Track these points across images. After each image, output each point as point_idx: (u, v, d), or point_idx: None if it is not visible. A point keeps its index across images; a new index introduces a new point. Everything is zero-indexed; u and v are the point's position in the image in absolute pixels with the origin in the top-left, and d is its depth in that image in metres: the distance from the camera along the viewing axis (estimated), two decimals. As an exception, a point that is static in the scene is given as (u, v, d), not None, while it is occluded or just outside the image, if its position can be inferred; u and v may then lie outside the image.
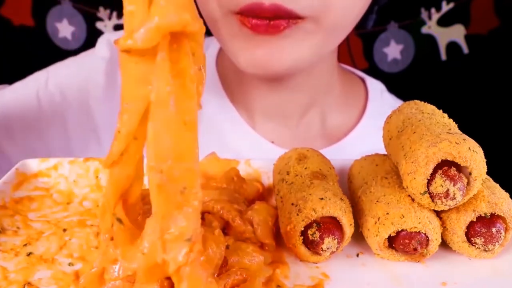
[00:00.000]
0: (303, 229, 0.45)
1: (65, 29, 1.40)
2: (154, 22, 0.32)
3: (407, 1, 1.34)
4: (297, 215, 0.45)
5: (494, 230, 0.45)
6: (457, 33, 1.34)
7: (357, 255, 0.48)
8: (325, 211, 0.44)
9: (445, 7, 1.31)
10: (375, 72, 1.35)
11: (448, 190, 0.44)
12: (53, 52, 1.40)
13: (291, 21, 0.62)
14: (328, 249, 0.45)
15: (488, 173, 0.46)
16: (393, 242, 0.45)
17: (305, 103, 0.81)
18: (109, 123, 0.82)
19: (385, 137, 0.52)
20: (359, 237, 0.48)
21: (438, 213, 0.47)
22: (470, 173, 0.44)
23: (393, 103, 0.89)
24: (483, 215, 0.45)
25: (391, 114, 0.53)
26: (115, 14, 1.37)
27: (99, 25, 1.39)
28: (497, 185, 0.48)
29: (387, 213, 0.45)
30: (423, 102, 0.53)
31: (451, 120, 0.50)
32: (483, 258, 0.47)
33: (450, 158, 0.44)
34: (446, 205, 0.45)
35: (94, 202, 0.56)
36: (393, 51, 1.37)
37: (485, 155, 0.44)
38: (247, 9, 0.62)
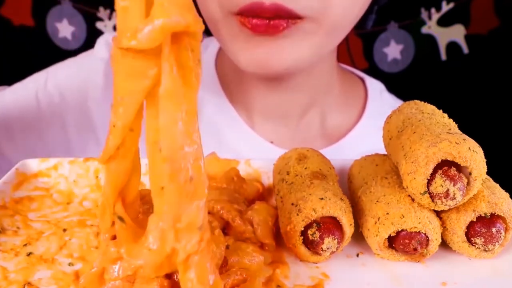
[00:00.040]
0: (303, 229, 0.45)
1: (65, 29, 1.40)
2: (158, 23, 0.32)
3: (407, 1, 1.34)
4: (297, 215, 0.45)
5: (494, 230, 0.45)
6: (457, 33, 1.34)
7: (357, 255, 0.48)
8: (325, 211, 0.44)
9: (445, 7, 1.31)
10: (375, 72, 1.35)
11: (448, 190, 0.44)
12: (53, 52, 1.40)
13: (290, 21, 0.63)
14: (328, 249, 0.45)
15: (488, 173, 0.46)
16: (393, 242, 0.45)
17: (305, 103, 0.81)
18: (108, 124, 0.82)
19: (385, 137, 0.52)
20: (359, 237, 0.48)
21: (438, 213, 0.47)
22: (470, 173, 0.44)
23: (392, 103, 0.89)
24: (483, 215, 0.45)
25: (391, 114, 0.53)
26: (115, 14, 1.37)
27: (99, 25, 1.39)
28: (497, 185, 0.48)
29: (387, 213, 0.45)
30: (423, 102, 0.53)
31: (451, 120, 0.50)
32: (483, 258, 0.47)
33: (450, 158, 0.44)
34: (446, 205, 0.45)
35: (94, 202, 0.56)
36: (393, 51, 1.37)
37: (485, 155, 0.44)
38: (248, 8, 0.62)
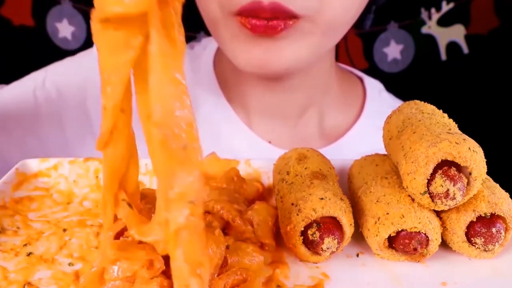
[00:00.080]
0: (303, 229, 0.45)
1: (65, 29, 1.39)
2: None
3: (407, 1, 1.34)
4: (297, 215, 0.45)
5: (494, 230, 0.45)
6: (457, 33, 1.34)
7: (357, 255, 0.48)
8: (325, 211, 0.44)
9: (445, 7, 1.31)
10: (375, 72, 1.35)
11: (448, 190, 0.44)
12: (53, 52, 1.40)
13: (288, 22, 0.63)
14: (328, 249, 0.45)
15: (488, 173, 0.46)
16: (393, 242, 0.45)
17: (303, 103, 0.81)
18: None
19: (385, 137, 0.52)
20: (359, 237, 0.48)
21: (438, 213, 0.47)
22: (470, 173, 0.44)
23: (391, 102, 0.89)
24: (483, 215, 0.45)
25: (391, 114, 0.53)
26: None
27: (99, 25, 1.38)
28: (497, 185, 0.48)
29: (387, 213, 0.45)
30: (423, 102, 0.53)
31: (451, 120, 0.50)
32: (483, 258, 0.47)
33: (450, 158, 0.44)
34: (446, 205, 0.45)
35: (94, 202, 0.56)
36: (393, 51, 1.37)
37: (485, 155, 0.44)
38: (247, 8, 0.62)
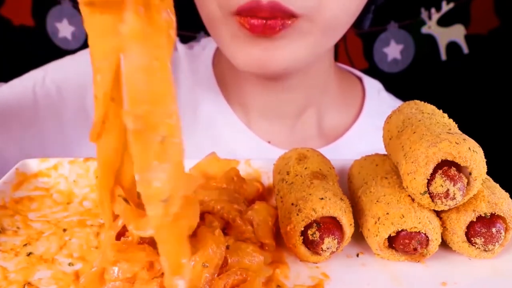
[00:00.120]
0: (303, 229, 0.45)
1: (65, 29, 1.39)
2: None
3: (407, 1, 1.34)
4: (297, 215, 0.45)
5: (494, 230, 0.45)
6: (457, 33, 1.34)
7: (357, 255, 0.48)
8: (325, 211, 0.44)
9: (445, 7, 1.31)
10: (375, 72, 1.35)
11: (448, 190, 0.44)
12: (53, 52, 1.40)
13: (286, 21, 0.63)
14: (328, 249, 0.45)
15: (488, 173, 0.46)
16: (393, 242, 0.45)
17: (302, 103, 0.81)
18: None
19: (385, 137, 0.52)
20: (359, 237, 0.48)
21: (438, 213, 0.47)
22: (470, 173, 0.44)
23: (390, 102, 0.89)
24: (483, 215, 0.45)
25: (391, 114, 0.53)
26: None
27: (99, 25, 1.39)
28: (497, 185, 0.48)
29: (387, 213, 0.45)
30: (423, 102, 0.53)
31: (451, 120, 0.50)
32: (483, 258, 0.47)
33: (450, 158, 0.44)
34: (446, 205, 0.45)
35: (94, 202, 0.56)
36: (393, 51, 1.37)
37: (485, 155, 0.44)
38: (246, 7, 0.62)
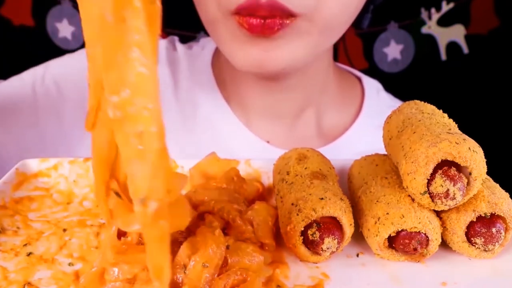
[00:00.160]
0: (303, 229, 0.45)
1: (65, 29, 1.39)
2: None
3: (407, 1, 1.34)
4: (297, 215, 0.45)
5: (494, 230, 0.45)
6: (457, 33, 1.34)
7: (357, 255, 0.48)
8: (325, 211, 0.44)
9: (445, 7, 1.31)
10: (375, 72, 1.35)
11: (448, 190, 0.44)
12: (53, 52, 1.39)
13: (285, 21, 0.63)
14: (328, 249, 0.45)
15: (488, 173, 0.46)
16: (393, 242, 0.45)
17: (301, 103, 0.81)
18: None
19: (385, 137, 0.52)
20: (359, 237, 0.48)
21: (438, 213, 0.47)
22: (470, 173, 0.44)
23: (389, 102, 0.89)
24: (483, 215, 0.45)
25: (391, 114, 0.53)
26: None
27: (99, 25, 1.38)
28: (497, 185, 0.48)
29: (387, 213, 0.45)
30: (423, 102, 0.53)
31: (451, 120, 0.50)
32: (483, 258, 0.47)
33: (450, 158, 0.44)
34: (446, 205, 0.45)
35: (94, 202, 0.56)
36: (393, 51, 1.37)
37: (485, 155, 0.44)
38: (245, 6, 0.62)
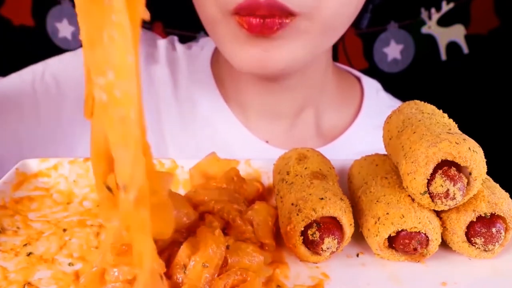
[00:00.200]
0: (303, 229, 0.45)
1: (65, 29, 1.40)
2: None
3: (407, 1, 1.34)
4: (297, 215, 0.45)
5: (494, 230, 0.45)
6: (457, 33, 1.34)
7: (357, 255, 0.48)
8: (325, 211, 0.44)
9: (445, 7, 1.31)
10: (375, 72, 1.35)
11: (448, 190, 0.44)
12: (53, 52, 1.39)
13: (284, 20, 0.63)
14: (328, 249, 0.45)
15: (488, 173, 0.46)
16: (393, 242, 0.45)
17: (300, 103, 0.81)
18: None
19: (385, 137, 0.52)
20: (359, 237, 0.48)
21: (438, 213, 0.47)
22: (470, 173, 0.44)
23: (389, 102, 0.89)
24: (483, 215, 0.45)
25: (391, 114, 0.53)
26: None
27: (99, 25, 1.39)
28: (497, 185, 0.48)
29: (387, 213, 0.45)
30: (423, 102, 0.53)
31: (451, 120, 0.50)
32: (483, 258, 0.47)
33: (450, 158, 0.44)
34: (446, 205, 0.45)
35: (94, 202, 0.56)
36: (393, 51, 1.37)
37: (485, 155, 0.44)
38: (244, 6, 0.62)
